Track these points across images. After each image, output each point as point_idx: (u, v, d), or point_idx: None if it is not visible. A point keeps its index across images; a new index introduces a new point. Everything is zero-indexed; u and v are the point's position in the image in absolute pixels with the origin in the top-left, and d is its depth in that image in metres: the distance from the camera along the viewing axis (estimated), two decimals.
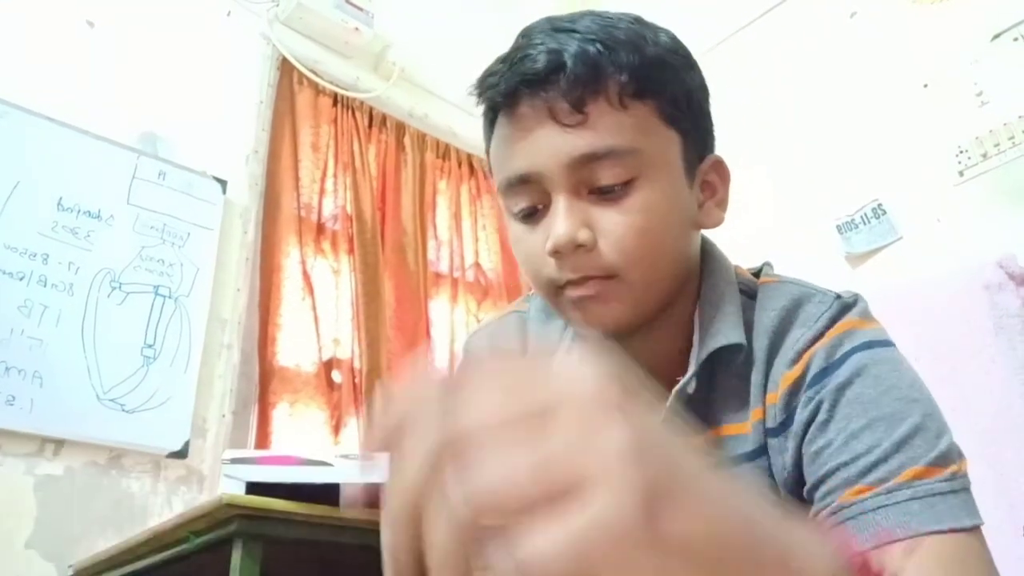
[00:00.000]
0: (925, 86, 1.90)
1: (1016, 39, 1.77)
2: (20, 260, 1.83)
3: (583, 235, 0.59)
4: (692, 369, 0.63)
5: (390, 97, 2.75)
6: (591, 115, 0.59)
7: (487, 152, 0.68)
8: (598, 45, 0.59)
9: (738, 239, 2.35)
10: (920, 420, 0.55)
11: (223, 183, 2.24)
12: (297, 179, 2.44)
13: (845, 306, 0.63)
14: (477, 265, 2.90)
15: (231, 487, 1.24)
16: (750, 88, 2.34)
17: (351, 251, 2.48)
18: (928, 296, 1.60)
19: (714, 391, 0.64)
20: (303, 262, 2.36)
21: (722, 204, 0.68)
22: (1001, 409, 1.41)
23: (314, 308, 2.34)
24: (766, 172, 2.23)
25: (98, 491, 1.81)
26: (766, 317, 0.64)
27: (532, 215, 0.63)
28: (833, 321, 0.61)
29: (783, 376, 0.61)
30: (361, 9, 2.60)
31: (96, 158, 2.01)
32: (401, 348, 2.50)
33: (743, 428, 0.64)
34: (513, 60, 0.61)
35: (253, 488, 1.21)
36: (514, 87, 0.60)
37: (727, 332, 0.63)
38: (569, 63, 0.58)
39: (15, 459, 1.71)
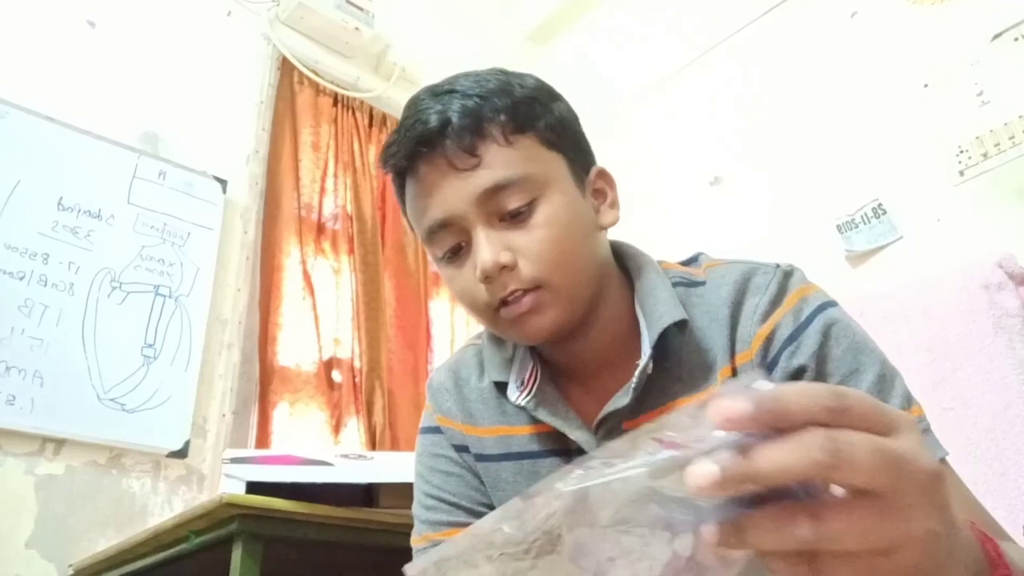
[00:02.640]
0: (925, 86, 1.90)
1: (1017, 39, 1.76)
2: (20, 260, 1.83)
3: (504, 256, 0.67)
4: (647, 351, 0.70)
5: (390, 97, 2.75)
6: (483, 157, 0.68)
7: (404, 214, 0.77)
8: (475, 99, 0.69)
9: (739, 239, 2.35)
10: (880, 368, 0.66)
11: (223, 183, 2.24)
12: (297, 179, 2.44)
13: (787, 274, 0.72)
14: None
15: (231, 487, 1.24)
16: (750, 88, 2.34)
17: (351, 251, 2.48)
18: (928, 295, 1.60)
19: (670, 369, 0.71)
20: (303, 262, 2.37)
21: (614, 204, 0.77)
22: (1000, 409, 1.41)
23: (314, 308, 2.34)
24: (766, 172, 2.23)
25: (98, 491, 1.81)
26: (723, 292, 0.73)
27: (457, 254, 0.71)
28: (782, 286, 0.71)
29: (755, 336, 0.69)
30: (361, 9, 2.60)
31: (96, 158, 2.01)
32: (401, 348, 2.50)
33: (705, 394, 0.70)
34: (406, 128, 0.70)
35: (253, 488, 1.21)
36: (412, 150, 0.70)
37: (671, 311, 0.71)
38: (454, 118, 0.68)
39: (15, 459, 1.72)
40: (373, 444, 2.24)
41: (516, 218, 0.68)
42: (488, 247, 0.67)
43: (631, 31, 2.73)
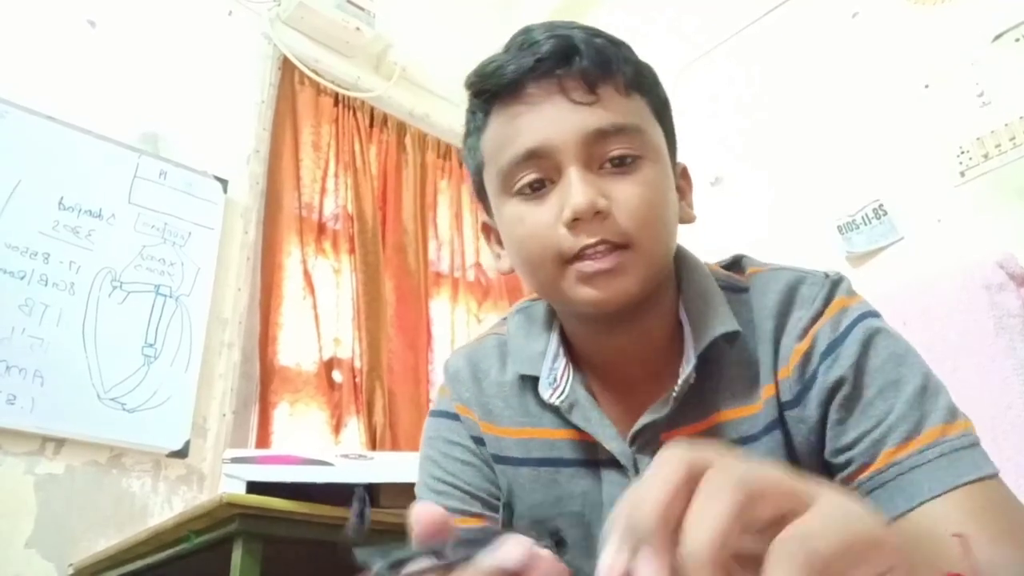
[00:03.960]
0: (926, 86, 1.90)
1: (1017, 40, 1.76)
2: (21, 259, 1.83)
3: (602, 202, 0.61)
4: (692, 359, 0.65)
5: (391, 97, 2.75)
6: (601, 97, 0.63)
7: (471, 144, 0.70)
8: (604, 40, 0.65)
9: (739, 239, 2.35)
10: (923, 380, 0.62)
11: (224, 182, 2.24)
12: (298, 179, 2.44)
13: (834, 284, 0.68)
14: (478, 265, 2.90)
15: (231, 486, 1.24)
16: (750, 88, 2.34)
17: (352, 251, 2.48)
18: (928, 296, 1.60)
19: (710, 379, 0.67)
20: (304, 262, 2.37)
21: (691, 205, 0.73)
22: (1001, 409, 1.41)
23: (315, 308, 2.34)
24: (766, 172, 2.23)
25: (98, 490, 1.81)
26: (768, 301, 0.68)
27: (535, 191, 0.64)
28: (828, 300, 0.66)
29: (793, 350, 0.65)
30: (362, 9, 2.60)
31: (97, 157, 2.01)
32: (401, 348, 2.50)
33: (751, 409, 0.66)
34: (520, 48, 0.64)
35: (253, 487, 1.21)
36: (525, 69, 0.63)
37: (723, 321, 0.66)
38: (582, 47, 0.62)
39: (15, 458, 1.72)
40: (373, 444, 2.24)
41: (618, 168, 0.63)
42: (584, 186, 0.61)
43: (631, 31, 2.72)
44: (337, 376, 2.32)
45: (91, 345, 1.87)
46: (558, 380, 0.70)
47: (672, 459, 0.30)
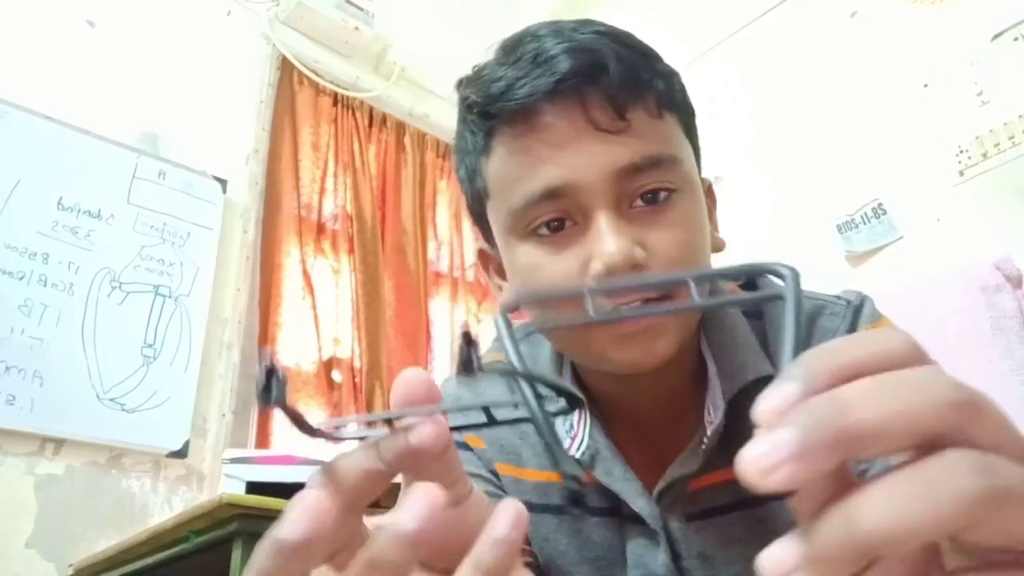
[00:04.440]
0: (925, 86, 1.90)
1: (1016, 39, 1.76)
2: (20, 259, 1.83)
3: (639, 253, 0.51)
4: (721, 405, 0.57)
5: (390, 97, 2.75)
6: (632, 123, 0.53)
7: (470, 164, 0.59)
8: (632, 50, 0.55)
9: (739, 239, 2.35)
10: None
11: (223, 183, 2.24)
12: (297, 179, 2.44)
13: (856, 310, 0.61)
14: (477, 265, 2.89)
15: (231, 487, 1.24)
16: (750, 88, 2.34)
17: (351, 251, 2.48)
18: (927, 296, 1.60)
19: (740, 424, 0.57)
20: (303, 262, 2.37)
21: (718, 228, 0.64)
22: None
23: (314, 308, 2.34)
24: (767, 172, 2.23)
25: (98, 491, 1.81)
26: (783, 338, 0.60)
27: (555, 232, 0.54)
28: (850, 331, 0.59)
29: None
30: (361, 9, 2.60)
31: (96, 158, 2.01)
32: (401, 348, 2.50)
33: None
34: (534, 62, 0.53)
35: (253, 488, 1.22)
36: (541, 92, 0.52)
37: (755, 363, 0.58)
38: (611, 64, 0.52)
39: (15, 459, 1.72)
40: None
41: (650, 207, 0.53)
42: (618, 236, 0.51)
43: (631, 31, 2.73)
44: (336, 376, 2.32)
45: (90, 345, 1.87)
46: (575, 427, 0.62)
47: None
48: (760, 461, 0.20)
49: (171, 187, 2.13)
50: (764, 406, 0.21)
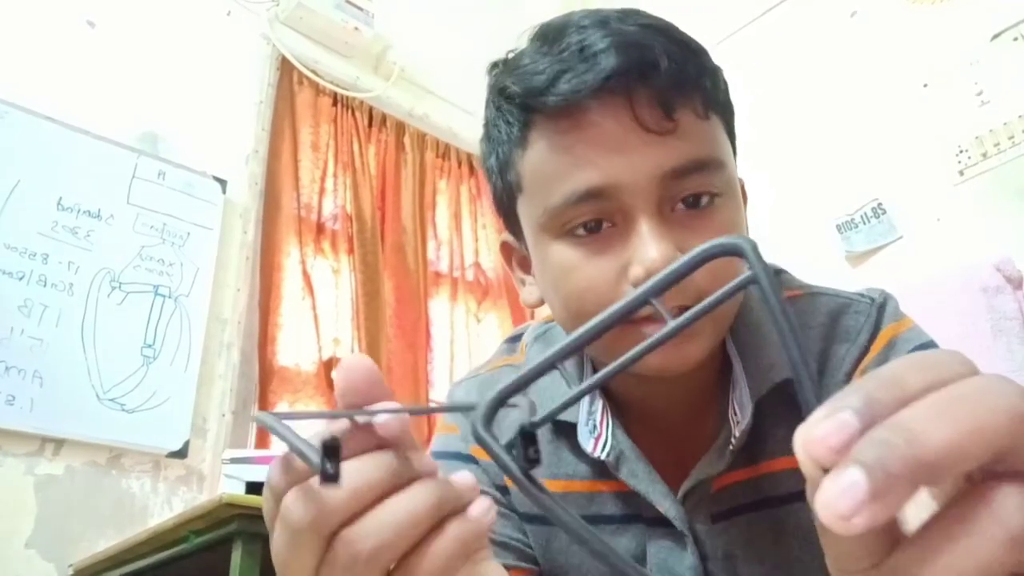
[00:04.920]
0: (925, 86, 1.90)
1: (1016, 39, 1.76)
2: (20, 260, 1.83)
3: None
4: (748, 406, 0.55)
5: (390, 97, 2.75)
6: (680, 123, 0.51)
7: (503, 155, 0.57)
8: (682, 45, 0.53)
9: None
10: None
11: (223, 183, 2.24)
12: (297, 179, 2.44)
13: (880, 309, 0.60)
14: (477, 265, 2.90)
15: (231, 487, 1.24)
16: (750, 88, 2.34)
17: (351, 251, 2.48)
18: (927, 297, 1.60)
19: (761, 422, 0.57)
20: (303, 262, 2.37)
21: (748, 230, 0.62)
22: None
23: (314, 308, 2.34)
24: (766, 172, 2.23)
25: (98, 491, 1.81)
26: (808, 337, 0.58)
27: (591, 233, 0.53)
28: (874, 332, 0.58)
29: None
30: (361, 9, 2.60)
31: (96, 158, 2.01)
32: (401, 348, 2.50)
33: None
34: (581, 56, 0.51)
35: (253, 488, 1.22)
36: (587, 89, 0.50)
37: (784, 363, 0.55)
38: (662, 62, 0.50)
39: (15, 459, 1.72)
40: None
41: (693, 211, 0.52)
42: (660, 241, 0.50)
43: None
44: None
45: (90, 346, 1.87)
46: (598, 427, 0.60)
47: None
48: (837, 506, 0.19)
49: (171, 187, 2.13)
50: (819, 437, 0.20)
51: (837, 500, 0.19)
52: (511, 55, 0.57)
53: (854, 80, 2.05)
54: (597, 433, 0.60)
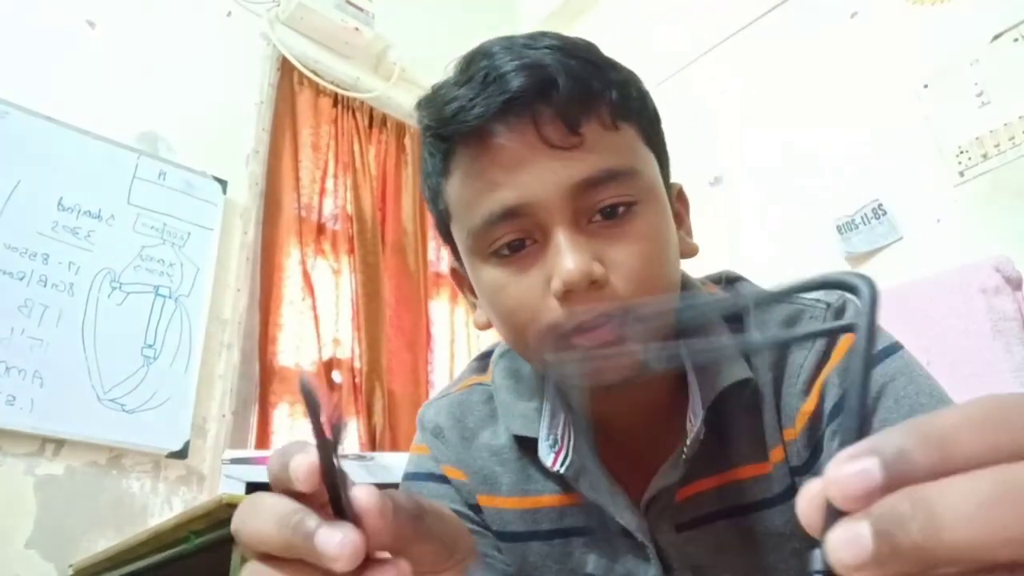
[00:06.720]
0: (925, 86, 1.90)
1: (1016, 39, 1.76)
2: (20, 260, 1.83)
3: (597, 270, 0.51)
4: (700, 412, 0.56)
5: (390, 97, 2.75)
6: (586, 137, 0.53)
7: (432, 186, 0.59)
8: (582, 62, 0.54)
9: (738, 239, 2.34)
10: None
11: (223, 183, 2.24)
12: (297, 179, 2.45)
13: (838, 314, 0.58)
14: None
15: (231, 487, 1.24)
16: (750, 87, 2.34)
17: (351, 251, 2.48)
18: (927, 298, 1.60)
19: (722, 430, 0.58)
20: (303, 262, 2.37)
21: (690, 233, 0.63)
22: None
23: (314, 308, 2.34)
24: (766, 172, 2.23)
25: (98, 491, 1.81)
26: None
27: (515, 252, 0.54)
28: (832, 339, 0.58)
29: (798, 412, 0.57)
30: (361, 9, 2.60)
31: (96, 158, 2.01)
32: (401, 349, 2.51)
33: (763, 468, 0.58)
34: (484, 81, 0.53)
35: (253, 488, 1.22)
36: (493, 111, 0.52)
37: (731, 367, 0.57)
38: (560, 80, 0.52)
39: (15, 459, 1.72)
40: (373, 445, 2.24)
41: (609, 221, 0.53)
42: (575, 253, 0.51)
43: (631, 31, 2.73)
44: (336, 377, 2.32)
45: (90, 346, 1.87)
46: (559, 441, 0.61)
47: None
48: (840, 554, 0.19)
49: (171, 187, 2.13)
50: (841, 478, 0.20)
51: (842, 548, 0.19)
52: (433, 89, 0.60)
53: (854, 80, 2.05)
54: (558, 447, 0.60)
